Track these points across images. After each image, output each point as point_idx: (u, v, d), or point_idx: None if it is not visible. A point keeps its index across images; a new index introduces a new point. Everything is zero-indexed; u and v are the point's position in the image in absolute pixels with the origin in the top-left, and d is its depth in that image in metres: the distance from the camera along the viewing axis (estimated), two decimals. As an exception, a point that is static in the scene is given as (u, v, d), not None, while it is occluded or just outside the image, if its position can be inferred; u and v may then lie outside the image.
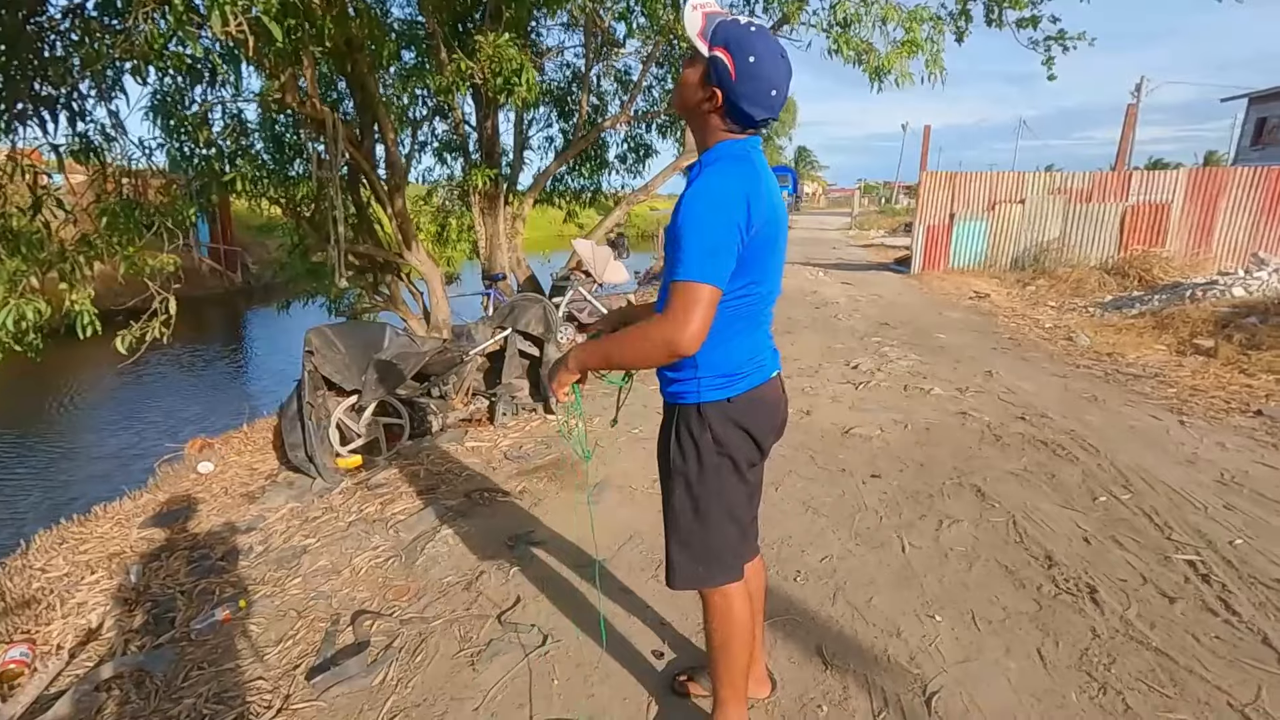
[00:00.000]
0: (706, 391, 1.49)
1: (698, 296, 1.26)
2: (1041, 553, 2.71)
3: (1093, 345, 6.46)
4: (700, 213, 1.29)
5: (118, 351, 4.05)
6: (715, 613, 1.63)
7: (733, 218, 1.30)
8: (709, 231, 1.28)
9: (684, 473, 1.53)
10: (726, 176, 1.33)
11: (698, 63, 1.36)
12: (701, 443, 1.51)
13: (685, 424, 1.52)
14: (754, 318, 1.49)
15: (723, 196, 1.30)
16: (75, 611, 3.17)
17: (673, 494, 1.58)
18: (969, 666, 2.09)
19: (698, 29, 1.33)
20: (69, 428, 8.16)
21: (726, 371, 1.48)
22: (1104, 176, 11.77)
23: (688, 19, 1.34)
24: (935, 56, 7.24)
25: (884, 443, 3.97)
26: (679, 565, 1.61)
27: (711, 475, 1.53)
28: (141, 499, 4.61)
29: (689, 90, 1.39)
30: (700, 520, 1.56)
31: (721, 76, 1.33)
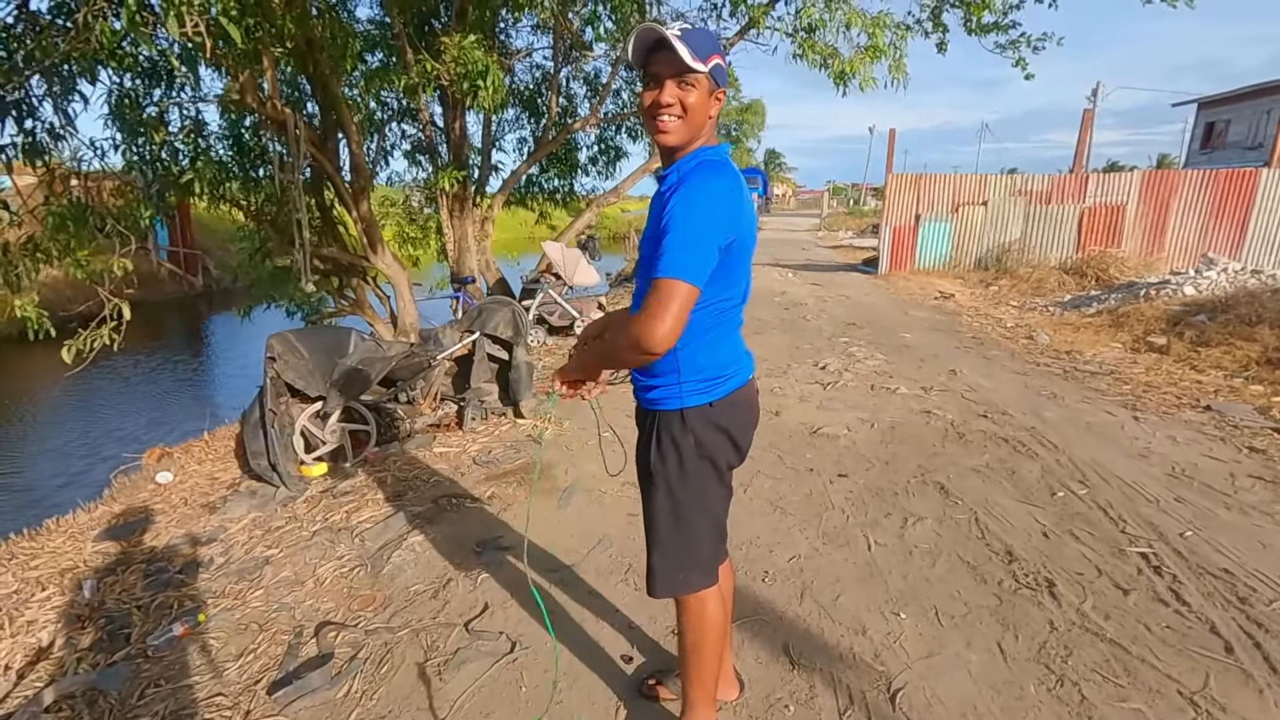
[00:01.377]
0: (689, 396, 1.48)
1: (676, 294, 1.25)
2: (1002, 548, 2.78)
3: (1052, 343, 6.63)
4: (691, 213, 1.29)
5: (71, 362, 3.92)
6: (691, 617, 1.63)
7: (721, 222, 1.31)
8: (696, 232, 1.28)
9: (666, 479, 1.52)
10: (720, 181, 1.33)
11: (694, 82, 1.34)
12: (684, 448, 1.50)
13: (667, 430, 1.51)
14: (733, 321, 1.51)
15: (715, 200, 1.31)
16: (24, 630, 3.06)
17: (653, 501, 1.57)
18: (932, 661, 2.12)
19: (689, 55, 1.31)
20: (18, 437, 7.87)
21: (709, 375, 1.49)
22: (1062, 179, 12.10)
23: (681, 51, 1.30)
24: (898, 62, 7.38)
25: (851, 442, 4.03)
26: (661, 573, 1.60)
27: (694, 480, 1.53)
28: (96, 511, 4.46)
29: (701, 110, 1.37)
30: (682, 526, 1.56)
31: (723, 77, 1.37)
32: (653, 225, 1.38)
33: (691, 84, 1.34)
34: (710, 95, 1.37)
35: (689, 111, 1.36)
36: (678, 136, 1.38)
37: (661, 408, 1.51)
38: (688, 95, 1.35)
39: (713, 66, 1.34)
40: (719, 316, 1.46)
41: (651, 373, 1.51)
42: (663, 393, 1.50)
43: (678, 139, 1.39)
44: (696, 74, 1.33)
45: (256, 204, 5.41)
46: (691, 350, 1.46)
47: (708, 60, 1.33)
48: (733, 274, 1.42)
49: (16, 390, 8.97)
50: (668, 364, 1.47)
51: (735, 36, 7.98)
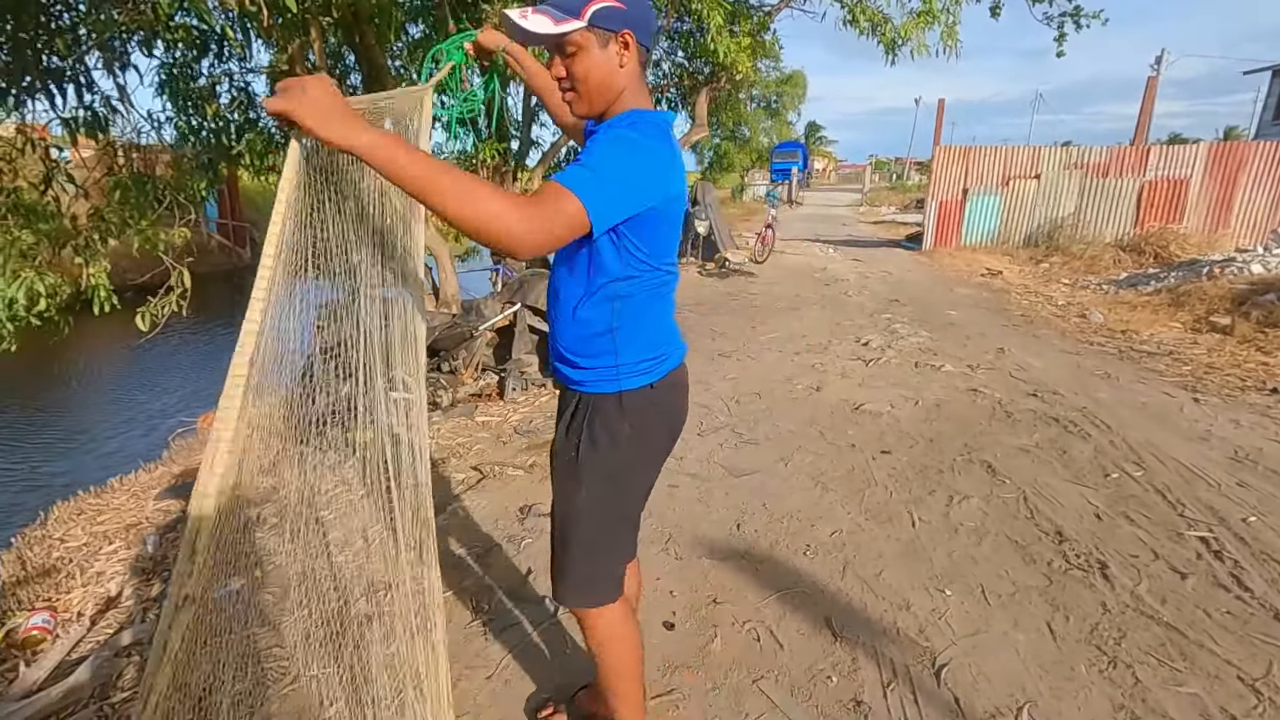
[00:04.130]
0: (627, 378, 1.33)
1: (567, 209, 1.06)
2: (1052, 528, 2.71)
3: (1106, 322, 6.39)
4: (611, 150, 1.13)
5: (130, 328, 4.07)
6: (604, 638, 1.48)
7: (644, 173, 1.15)
8: (617, 169, 1.11)
9: (596, 471, 1.35)
10: (654, 136, 1.19)
11: (574, 44, 1.17)
12: (619, 436, 1.34)
13: (600, 416, 1.34)
14: (668, 296, 1.38)
15: (647, 155, 1.16)
16: (94, 580, 3.24)
17: (575, 496, 1.38)
18: (978, 639, 2.10)
19: (550, 21, 1.15)
20: (81, 402, 8.25)
21: (649, 355, 1.34)
22: (1121, 151, 11.56)
23: (533, 25, 1.15)
24: (951, 28, 7.10)
25: (894, 419, 3.96)
26: (575, 578, 1.43)
27: (626, 473, 1.38)
28: (156, 471, 4.67)
29: (597, 70, 1.19)
30: (608, 525, 1.41)
31: (620, 17, 1.17)
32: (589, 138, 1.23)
33: (573, 49, 1.18)
34: (605, 47, 1.18)
35: (579, 78, 1.21)
36: (582, 106, 1.25)
37: (592, 390, 1.34)
38: (574, 64, 1.19)
39: (594, 13, 1.15)
40: (657, 290, 1.32)
41: (581, 352, 1.34)
42: (595, 375, 1.33)
43: (584, 108, 1.25)
44: (571, 36, 1.16)
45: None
46: (631, 329, 1.31)
47: (583, 10, 1.14)
48: (667, 241, 1.28)
49: (75, 359, 9.37)
50: (603, 344, 1.31)
51: (780, 3, 7.76)
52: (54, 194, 3.97)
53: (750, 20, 7.26)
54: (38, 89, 3.83)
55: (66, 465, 5.76)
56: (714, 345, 5.79)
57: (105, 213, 4.09)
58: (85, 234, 3.91)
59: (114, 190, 4.06)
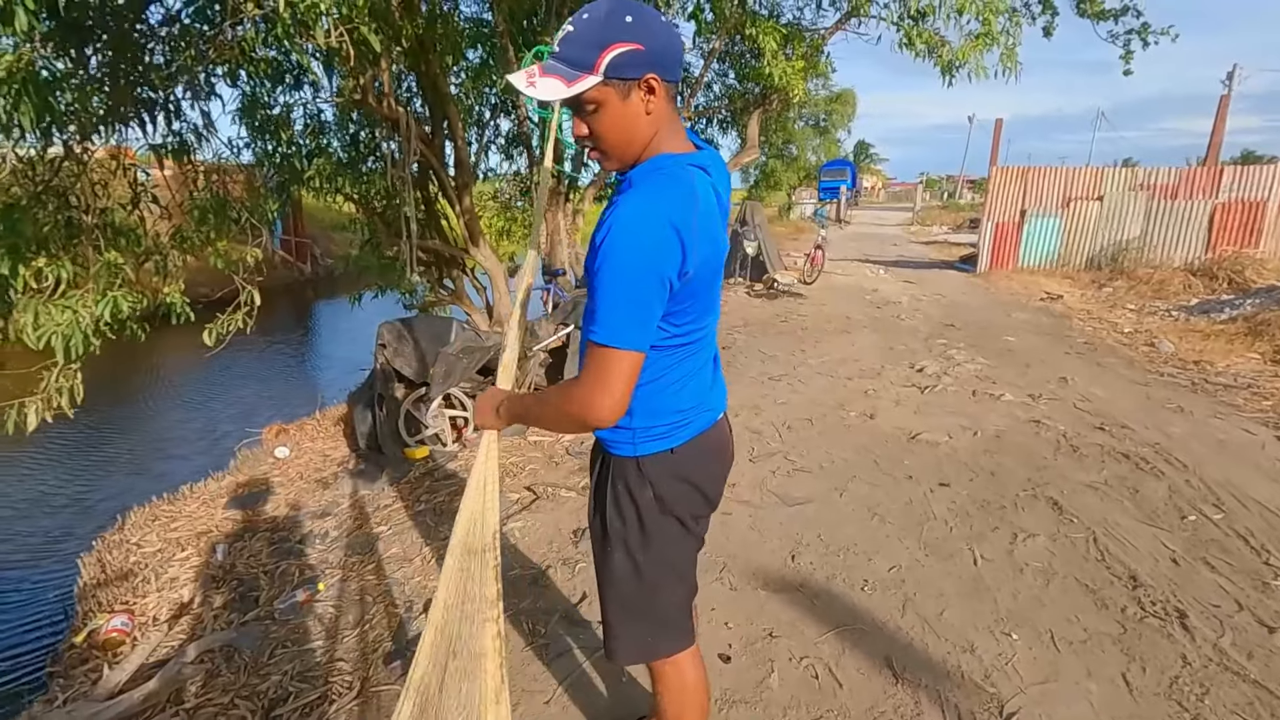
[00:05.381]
0: (644, 443, 1.27)
1: (617, 365, 1.06)
2: (1125, 572, 2.60)
3: (1177, 352, 6.12)
4: (622, 260, 1.05)
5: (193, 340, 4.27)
6: (668, 686, 1.44)
7: (660, 266, 1.06)
8: (629, 285, 1.05)
9: (623, 536, 1.31)
10: (654, 204, 1.07)
11: (592, 101, 1.09)
12: (642, 501, 1.28)
13: (622, 479, 1.29)
14: (698, 358, 1.29)
15: (649, 238, 1.05)
16: (169, 586, 3.39)
17: (610, 558, 1.34)
18: (1048, 687, 2.02)
19: (562, 83, 1.07)
20: (150, 410, 8.63)
21: (666, 420, 1.28)
22: (1192, 172, 11.10)
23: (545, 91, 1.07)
24: (1010, 50, 6.97)
25: (951, 449, 3.87)
26: (623, 636, 1.39)
27: (655, 538, 1.31)
28: (224, 480, 4.88)
29: (618, 126, 1.12)
30: (646, 586, 1.35)
31: (641, 61, 1.07)
32: (590, 256, 1.13)
33: (593, 106, 1.10)
34: (626, 98, 1.10)
35: (602, 135, 1.14)
36: (611, 163, 1.18)
37: (614, 451, 1.30)
38: (595, 122, 1.12)
39: (610, 63, 1.05)
40: (680, 353, 1.24)
41: None
42: (615, 436, 1.29)
43: (613, 164, 1.19)
44: (587, 94, 1.08)
45: (367, 197, 5.72)
46: (647, 393, 1.23)
47: (597, 63, 1.05)
48: (691, 311, 1.19)
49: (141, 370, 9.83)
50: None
51: (834, 26, 7.75)
52: (140, 214, 4.22)
53: (803, 43, 7.27)
54: (131, 117, 4.09)
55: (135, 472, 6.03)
56: (763, 369, 5.75)
57: (186, 232, 4.31)
58: (166, 252, 4.13)
59: (195, 211, 4.28)
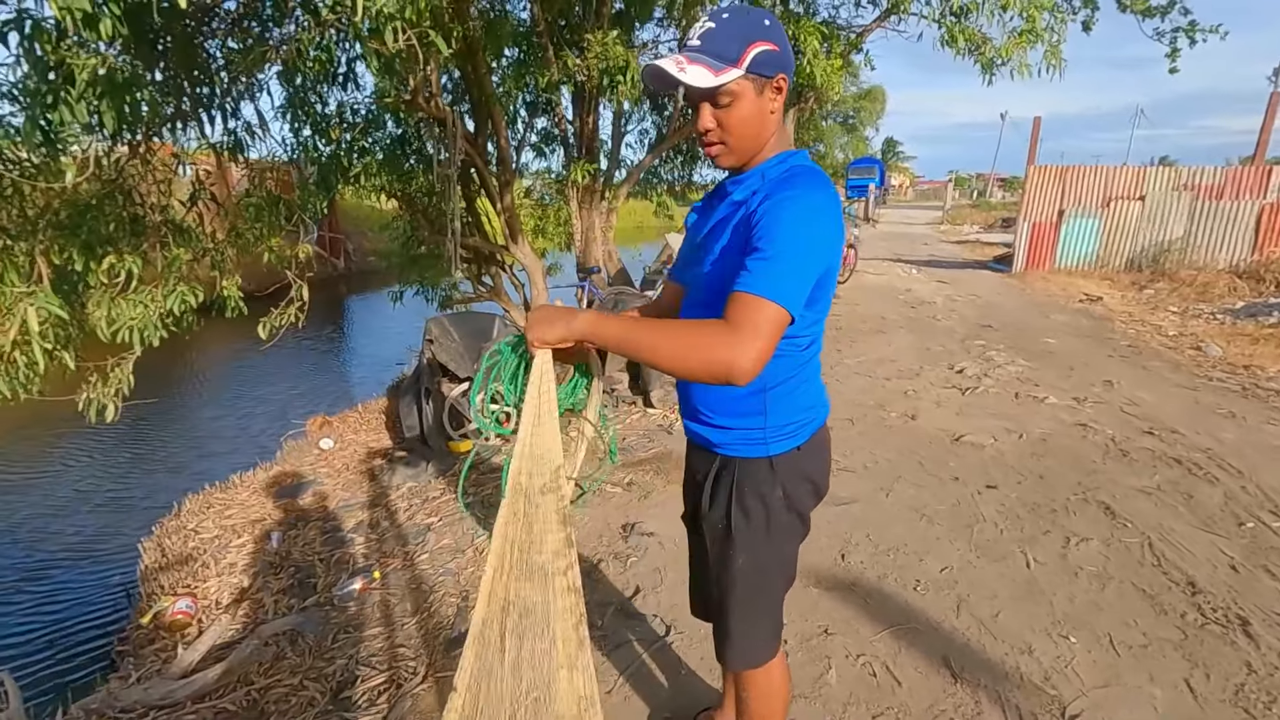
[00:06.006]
0: (775, 442, 1.27)
1: (774, 319, 1.03)
2: (1182, 578, 2.57)
3: (1225, 356, 5.99)
4: (799, 230, 1.07)
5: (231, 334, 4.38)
6: (761, 692, 1.44)
7: (826, 244, 1.10)
8: (802, 253, 1.07)
9: (749, 538, 1.30)
10: (823, 194, 1.11)
11: (730, 93, 1.11)
12: (771, 501, 1.29)
13: (750, 482, 1.29)
14: (818, 356, 1.33)
15: (822, 218, 1.10)
16: (228, 571, 3.50)
17: (733, 561, 1.33)
18: (1110, 691, 2.02)
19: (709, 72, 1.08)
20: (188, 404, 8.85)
21: (797, 417, 1.29)
22: (1238, 171, 10.82)
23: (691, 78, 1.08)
24: (1055, 48, 6.86)
25: (997, 452, 3.84)
26: (745, 644, 1.38)
27: (780, 537, 1.32)
28: (272, 470, 5.01)
29: (749, 121, 1.14)
30: (768, 586, 1.36)
31: (776, 61, 1.11)
32: (725, 237, 1.17)
33: (728, 99, 1.11)
34: (760, 94, 1.13)
35: (731, 129, 1.14)
36: (730, 158, 1.19)
37: (736, 453, 1.29)
38: (728, 115, 1.13)
39: (753, 59, 1.08)
40: (813, 354, 1.29)
41: (726, 412, 1.29)
42: (742, 436, 1.28)
43: (732, 160, 1.20)
44: (727, 86, 1.10)
45: (409, 194, 5.82)
46: (783, 390, 1.26)
47: (742, 57, 1.08)
48: (825, 303, 1.22)
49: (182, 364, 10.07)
50: (752, 404, 1.26)
51: (872, 23, 7.69)
52: (198, 211, 4.35)
53: (841, 42, 7.23)
54: (191, 116, 4.22)
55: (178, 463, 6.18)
56: (800, 367, 5.74)
57: (242, 229, 4.43)
58: (222, 248, 4.26)
59: (250, 208, 4.40)
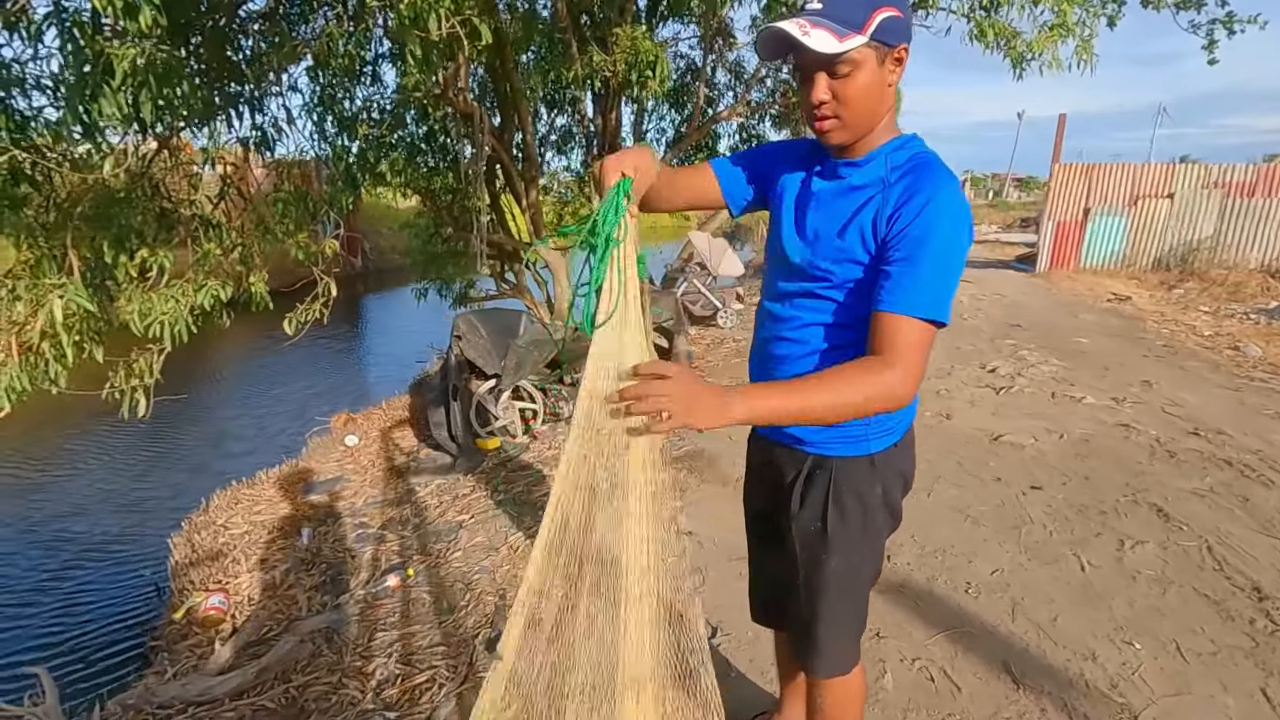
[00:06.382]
0: (876, 439, 1.23)
1: (927, 339, 1.03)
2: (1247, 583, 2.48)
3: (1265, 356, 5.84)
4: (953, 240, 1.04)
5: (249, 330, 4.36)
6: (841, 697, 1.38)
7: (968, 245, 1.07)
8: (955, 261, 1.04)
9: (845, 539, 1.25)
10: (961, 190, 1.07)
11: (851, 62, 1.02)
12: (870, 500, 1.25)
13: (848, 481, 1.24)
14: None
15: (968, 225, 1.06)
16: (259, 567, 3.48)
17: (827, 564, 1.26)
18: (1181, 700, 1.93)
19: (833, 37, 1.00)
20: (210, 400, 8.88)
21: (898, 414, 1.24)
22: (1270, 169, 10.60)
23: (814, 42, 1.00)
24: (1086, 42, 6.73)
25: (1038, 452, 3.75)
26: (835, 649, 1.33)
27: (874, 537, 1.28)
28: (298, 466, 5.00)
29: (869, 94, 1.05)
30: (859, 590, 1.32)
31: (901, 29, 1.04)
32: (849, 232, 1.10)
33: (848, 68, 1.03)
34: (881, 65, 1.05)
35: (849, 102, 1.05)
36: (844, 134, 1.10)
37: (833, 452, 1.23)
38: (846, 85, 1.04)
39: (879, 25, 1.00)
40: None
41: None
42: (841, 434, 1.21)
43: (845, 136, 1.10)
44: (850, 54, 1.01)
45: (433, 191, 5.80)
46: None
47: (867, 22, 1.00)
48: None
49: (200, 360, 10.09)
50: None
51: (899, 18, 7.59)
52: (225, 208, 4.35)
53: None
54: (220, 111, 4.21)
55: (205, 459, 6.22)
56: (828, 366, 5.67)
57: (270, 225, 4.42)
58: (250, 243, 4.24)
59: (278, 204, 4.38)
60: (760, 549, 1.50)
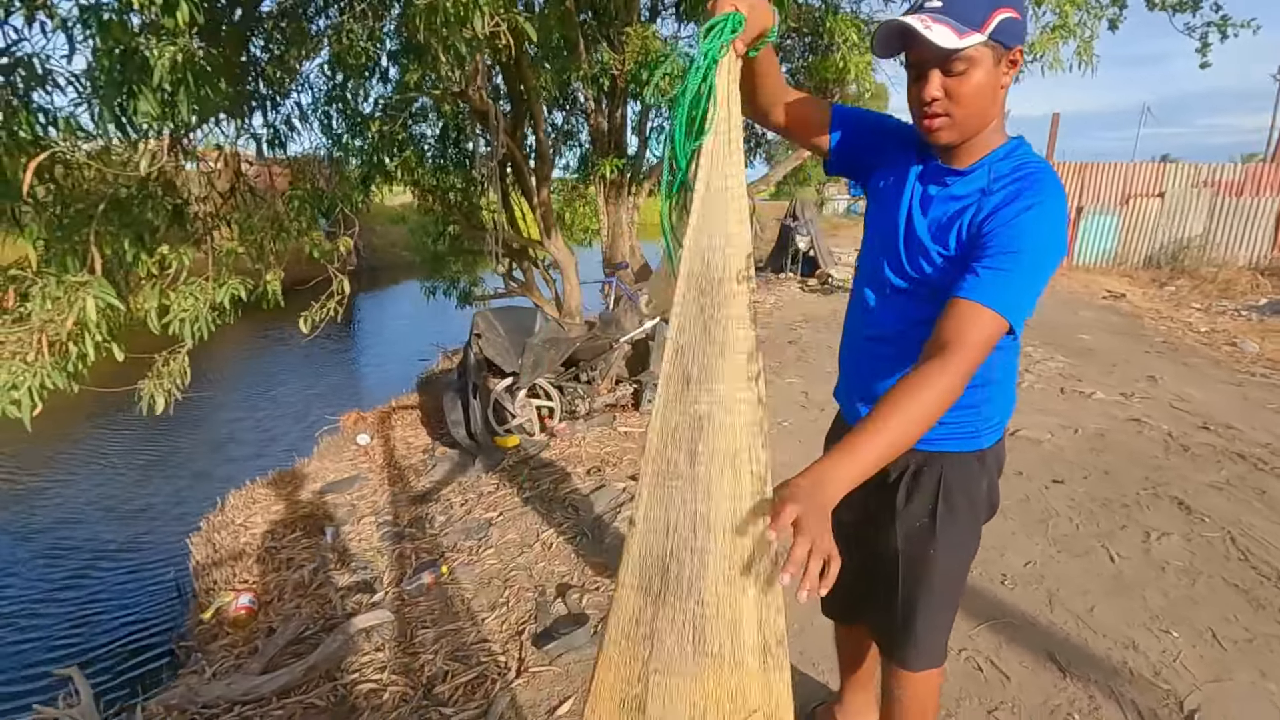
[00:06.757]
0: (987, 434, 1.25)
1: (992, 332, 1.00)
2: (1273, 573, 2.54)
3: (1263, 352, 5.96)
4: (1047, 247, 1.04)
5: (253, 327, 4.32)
6: (924, 690, 1.39)
7: (1062, 252, 1.07)
8: (1045, 265, 1.04)
9: (953, 533, 1.26)
10: (1064, 198, 1.08)
11: (968, 60, 1.02)
12: (977, 496, 1.26)
13: (958, 476, 1.25)
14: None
15: (1064, 237, 1.06)
16: (285, 566, 3.47)
17: (931, 560, 1.27)
18: (1224, 686, 1.99)
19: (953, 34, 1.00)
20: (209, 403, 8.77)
21: (1007, 412, 1.29)
22: (1259, 168, 10.81)
23: (936, 38, 0.99)
24: (1087, 43, 6.83)
25: (1055, 447, 3.81)
26: (932, 641, 1.34)
27: (974, 533, 1.30)
28: (310, 465, 4.98)
29: (982, 95, 1.05)
30: (956, 586, 1.34)
31: (1018, 31, 1.04)
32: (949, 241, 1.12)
33: (964, 66, 1.02)
34: (996, 65, 1.04)
35: (962, 101, 1.05)
36: (953, 133, 1.09)
37: (944, 448, 1.23)
38: (960, 84, 1.03)
39: (998, 25, 1.00)
40: (1019, 348, 1.29)
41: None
42: (953, 430, 1.21)
43: (953, 136, 1.10)
44: (967, 51, 1.00)
45: (443, 189, 5.78)
46: (1002, 385, 1.25)
47: (987, 21, 0.99)
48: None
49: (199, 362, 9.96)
50: (972, 398, 1.18)
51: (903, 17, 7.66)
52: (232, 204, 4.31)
53: (870, 37, 7.20)
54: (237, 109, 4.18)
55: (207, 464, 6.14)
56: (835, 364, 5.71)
57: (286, 223, 4.39)
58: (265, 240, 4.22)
59: (294, 201, 4.36)
60: (844, 546, 1.49)
